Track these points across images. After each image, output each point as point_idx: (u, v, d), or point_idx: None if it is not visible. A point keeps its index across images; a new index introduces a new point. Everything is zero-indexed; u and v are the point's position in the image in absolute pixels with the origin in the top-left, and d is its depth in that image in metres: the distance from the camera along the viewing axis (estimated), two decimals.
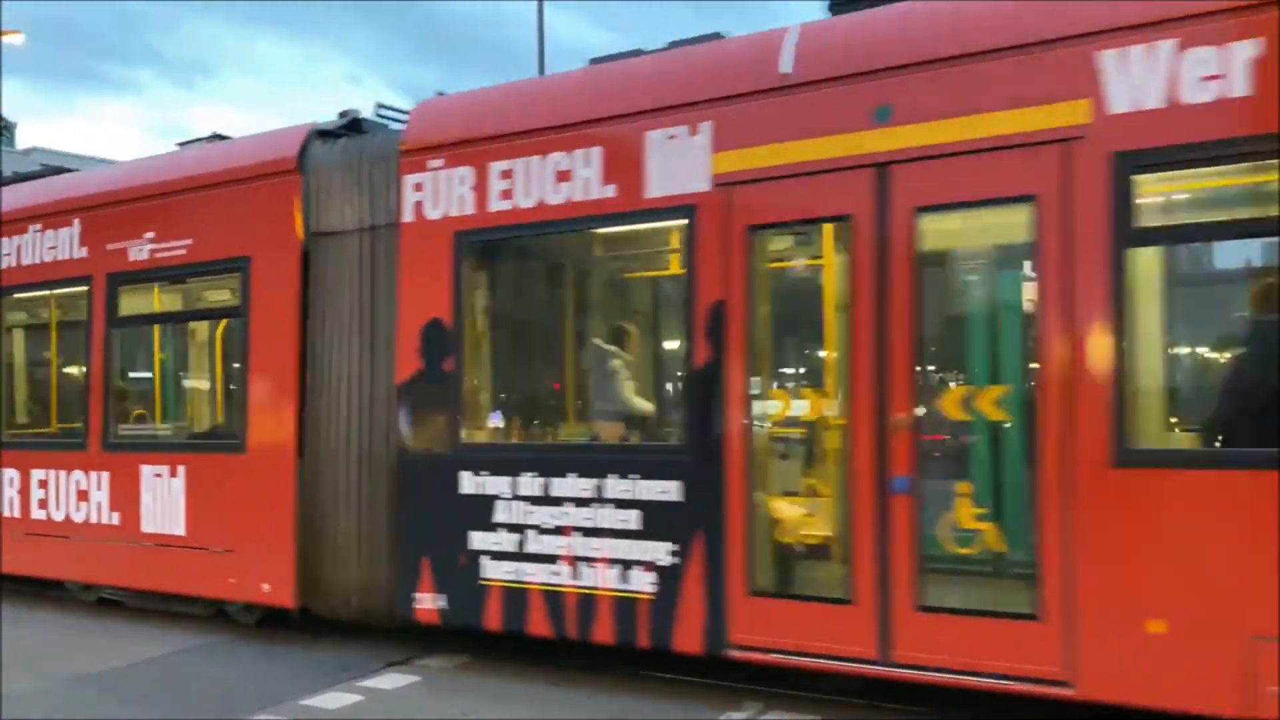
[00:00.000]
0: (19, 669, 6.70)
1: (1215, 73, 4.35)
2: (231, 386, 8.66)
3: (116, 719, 5.58)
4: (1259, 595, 4.18)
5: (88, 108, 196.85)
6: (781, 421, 5.88)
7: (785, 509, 5.90)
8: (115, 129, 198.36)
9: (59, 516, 8.13)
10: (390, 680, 6.11)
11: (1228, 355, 5.87)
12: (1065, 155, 4.62)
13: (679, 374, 6.35)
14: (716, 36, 6.07)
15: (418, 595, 6.28)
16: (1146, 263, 5.09)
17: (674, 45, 6.15)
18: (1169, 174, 4.69)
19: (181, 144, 8.77)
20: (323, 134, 7.22)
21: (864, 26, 5.39)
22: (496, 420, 6.60)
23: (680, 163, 5.55)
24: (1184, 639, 4.31)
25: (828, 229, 5.88)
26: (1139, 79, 4.49)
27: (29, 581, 8.66)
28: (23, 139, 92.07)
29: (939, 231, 5.15)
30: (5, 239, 8.64)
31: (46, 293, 8.81)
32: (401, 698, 5.85)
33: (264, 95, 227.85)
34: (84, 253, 8.15)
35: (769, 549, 5.63)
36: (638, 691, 5.88)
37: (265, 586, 6.91)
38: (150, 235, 7.72)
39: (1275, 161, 4.27)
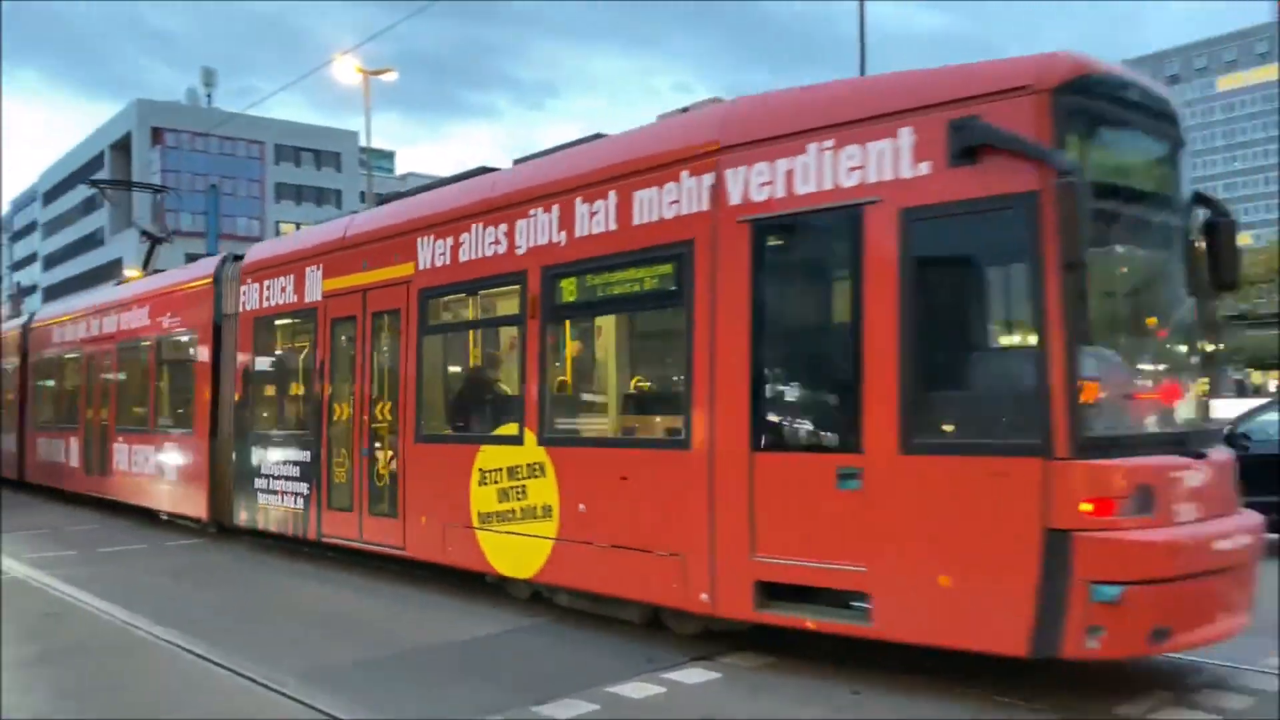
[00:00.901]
0: (348, 637, 7.59)
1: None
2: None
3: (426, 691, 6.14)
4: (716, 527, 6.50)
5: (453, 133, 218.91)
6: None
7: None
8: (477, 151, 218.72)
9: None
10: (693, 675, 6.21)
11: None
12: (409, 290, 9.37)
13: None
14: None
15: None
16: (431, 350, 9.43)
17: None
18: (443, 298, 9.35)
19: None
20: (234, 258, 12.99)
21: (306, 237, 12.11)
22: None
23: (314, 284, 10.88)
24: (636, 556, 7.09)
25: (359, 320, 10.21)
26: (429, 254, 9.24)
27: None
28: (400, 165, 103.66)
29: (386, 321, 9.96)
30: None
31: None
32: (702, 693, 5.94)
33: (603, 112, 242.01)
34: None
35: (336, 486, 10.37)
36: (942, 698, 5.58)
37: None
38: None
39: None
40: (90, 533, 13.63)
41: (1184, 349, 6.48)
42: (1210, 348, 6.77)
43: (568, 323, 8.39)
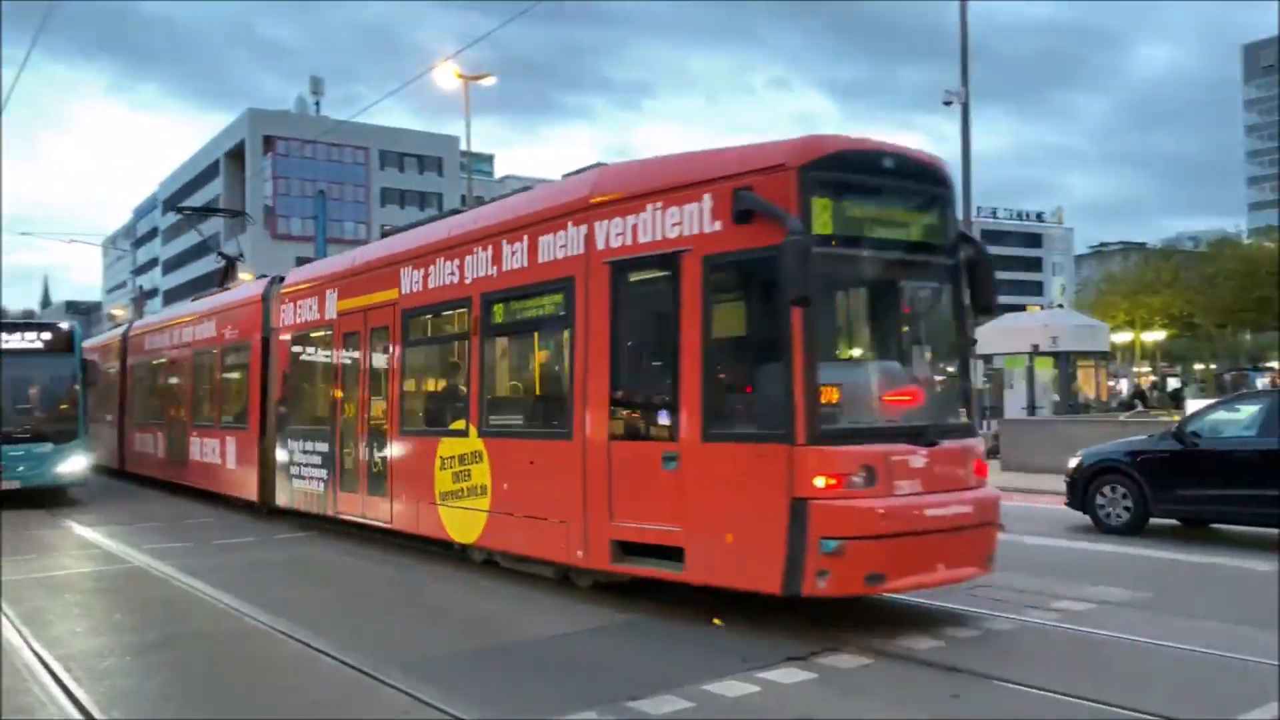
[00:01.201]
0: (448, 630, 7.73)
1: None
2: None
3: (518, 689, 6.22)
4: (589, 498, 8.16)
5: (550, 136, 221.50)
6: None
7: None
8: (574, 153, 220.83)
9: None
10: (787, 675, 6.15)
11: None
12: (395, 310, 11.32)
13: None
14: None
15: None
16: (412, 359, 11.42)
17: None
18: (418, 318, 11.14)
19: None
20: (278, 280, 15.19)
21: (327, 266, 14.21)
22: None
23: (331, 305, 12.91)
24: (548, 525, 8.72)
25: (362, 334, 12.25)
26: (408, 282, 11.13)
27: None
28: (499, 168, 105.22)
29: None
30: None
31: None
32: (796, 693, 5.88)
33: (700, 111, 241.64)
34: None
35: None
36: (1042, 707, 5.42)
37: None
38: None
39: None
40: (205, 526, 14.23)
41: (936, 361, 8.35)
42: (963, 360, 8.27)
43: (498, 338, 10.06)
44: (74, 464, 17.15)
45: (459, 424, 10.11)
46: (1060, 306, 72.34)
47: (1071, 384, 26.45)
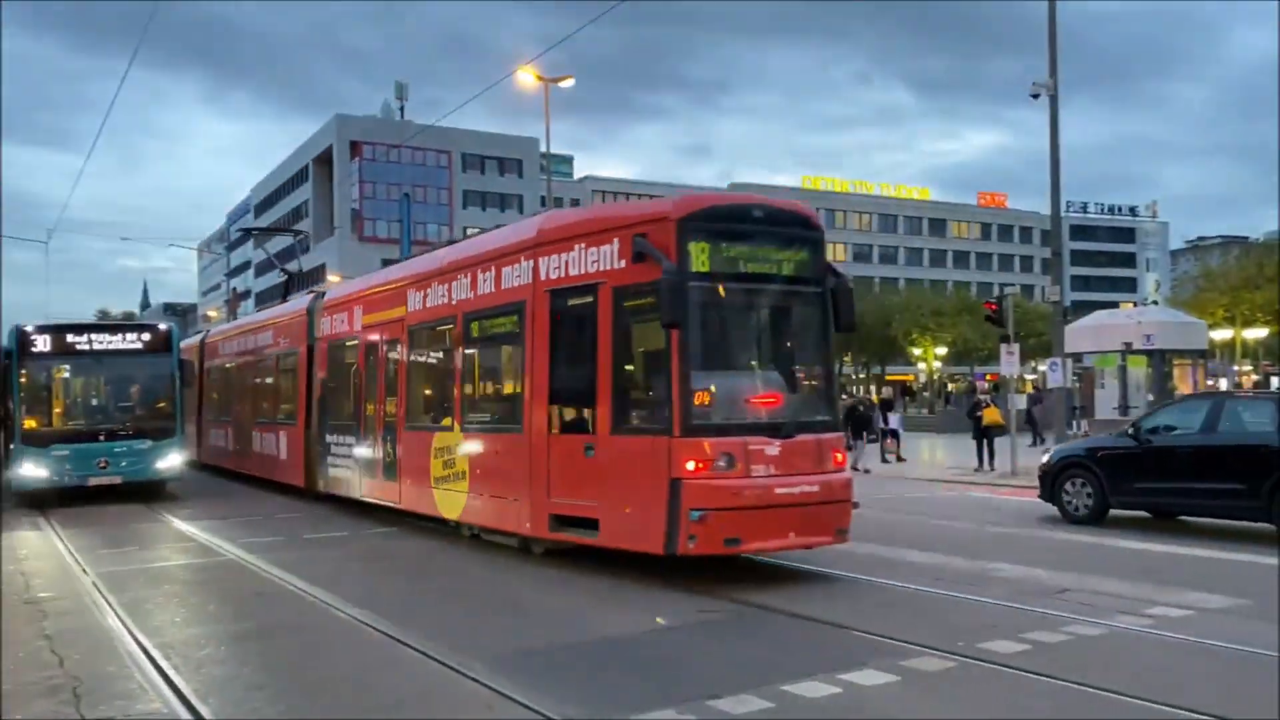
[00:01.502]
0: (531, 625, 7.81)
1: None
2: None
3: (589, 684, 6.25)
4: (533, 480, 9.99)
5: (628, 135, 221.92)
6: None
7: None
8: (652, 153, 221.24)
9: None
10: (869, 677, 6.08)
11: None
12: (403, 325, 13.32)
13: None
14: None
15: None
16: (415, 366, 13.42)
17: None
18: (419, 332, 13.21)
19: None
20: (320, 295, 17.18)
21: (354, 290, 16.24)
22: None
23: (358, 319, 14.93)
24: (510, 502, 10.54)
25: (379, 345, 14.21)
26: (412, 301, 13.06)
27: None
28: (578, 169, 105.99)
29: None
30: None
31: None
32: (878, 695, 5.80)
33: (779, 107, 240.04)
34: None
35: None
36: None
37: None
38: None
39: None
40: (295, 520, 14.63)
41: (801, 371, 10.02)
42: (827, 369, 10.22)
43: (475, 350, 11.91)
44: (171, 460, 17.80)
45: (447, 421, 12.11)
46: (1155, 303, 69.98)
47: (1167, 383, 25.58)
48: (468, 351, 11.89)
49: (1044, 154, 19.96)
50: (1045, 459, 14.19)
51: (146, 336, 18.57)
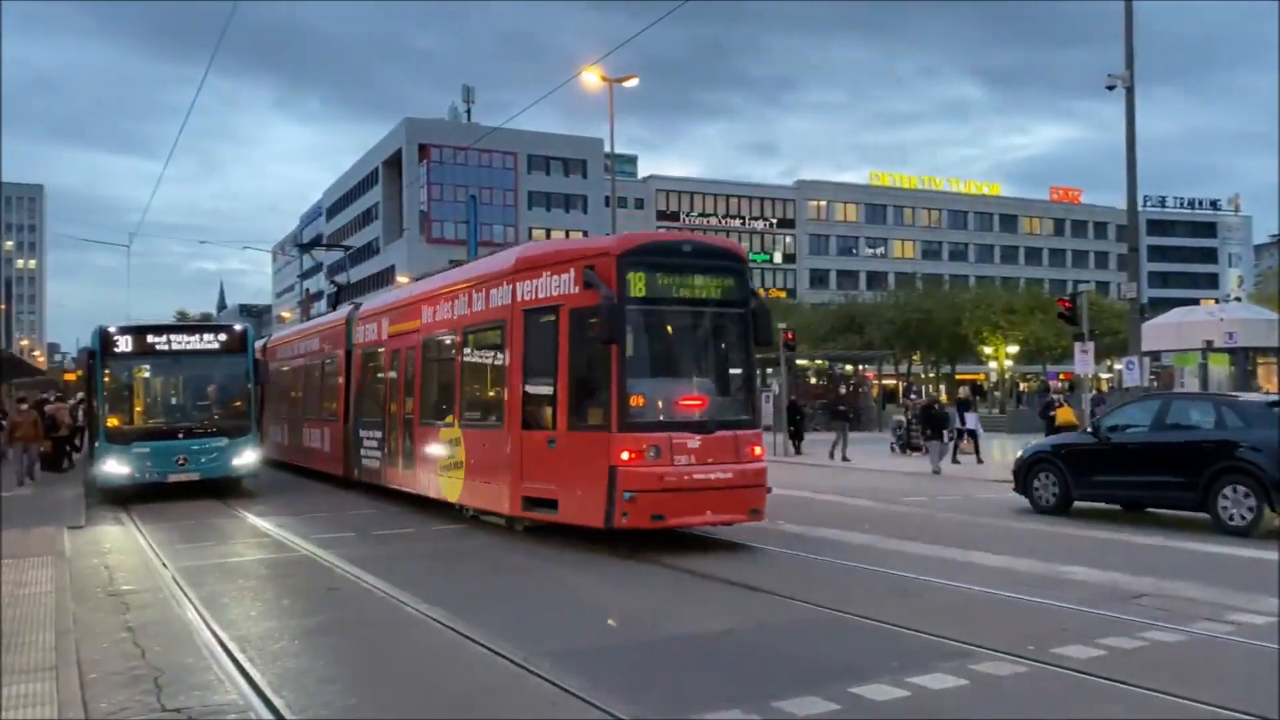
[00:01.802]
0: (597, 624, 7.83)
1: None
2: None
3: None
4: (511, 468, 11.84)
5: (690, 134, 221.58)
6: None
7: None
8: (716, 151, 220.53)
9: None
10: (938, 680, 5.99)
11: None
12: (418, 336, 15.41)
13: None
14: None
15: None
16: (427, 371, 15.32)
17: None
18: (430, 342, 15.16)
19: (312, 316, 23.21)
20: (356, 306, 19.57)
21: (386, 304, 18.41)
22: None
23: (384, 329, 17.19)
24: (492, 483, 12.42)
25: (400, 352, 16.19)
26: (425, 315, 15.19)
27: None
28: (642, 169, 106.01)
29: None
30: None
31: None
32: (946, 699, 5.71)
33: (844, 103, 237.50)
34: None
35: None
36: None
37: None
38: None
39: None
40: (367, 517, 14.90)
41: (722, 377, 11.69)
42: (749, 377, 11.95)
43: (470, 358, 13.72)
44: (247, 457, 18.25)
45: (450, 419, 14.04)
46: (1238, 300, 67.69)
47: (1250, 382, 24.76)
48: (465, 360, 13.86)
49: (1119, 147, 19.45)
50: (1018, 455, 15.53)
51: (223, 337, 19.06)
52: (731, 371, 11.87)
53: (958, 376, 70.27)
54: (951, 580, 9.25)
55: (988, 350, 63.32)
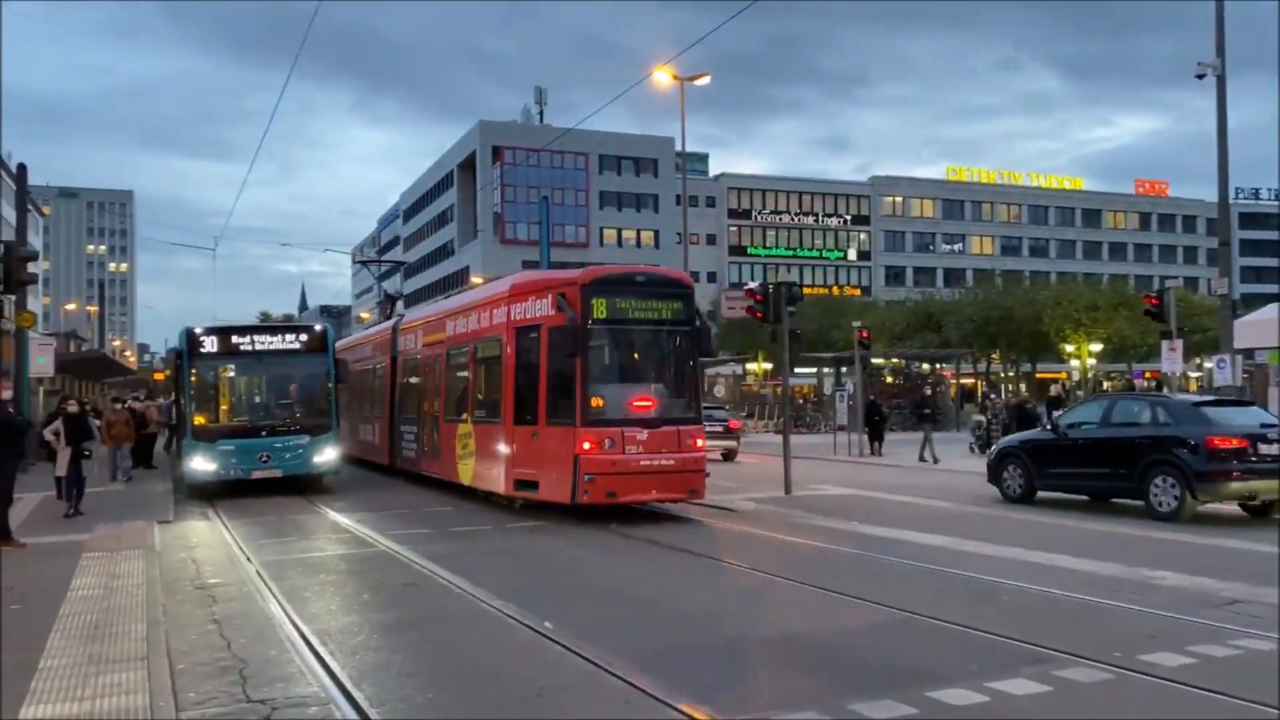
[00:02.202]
0: (674, 623, 7.81)
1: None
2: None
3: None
4: (506, 456, 14.58)
5: (761, 131, 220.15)
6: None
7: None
8: (786, 148, 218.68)
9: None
10: (1020, 686, 5.85)
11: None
12: (444, 346, 18.60)
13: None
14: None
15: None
16: (451, 375, 18.01)
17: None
18: (454, 351, 18.11)
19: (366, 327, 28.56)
20: (400, 317, 23.70)
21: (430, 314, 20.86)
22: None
23: (421, 340, 20.17)
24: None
25: (431, 360, 19.36)
26: (449, 328, 18.49)
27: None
28: (713, 167, 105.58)
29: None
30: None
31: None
32: (1027, 706, 5.57)
33: (918, 97, 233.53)
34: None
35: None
36: None
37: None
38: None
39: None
40: (444, 514, 15.13)
41: (669, 383, 14.19)
42: (694, 384, 14.56)
43: (480, 365, 16.30)
44: (327, 454, 18.66)
45: (465, 416, 16.59)
46: None
47: None
48: (476, 367, 16.51)
49: (1208, 138, 18.81)
50: (992, 449, 17.56)
51: (304, 337, 19.52)
52: (678, 378, 14.35)
53: (1038, 375, 68.61)
54: (1032, 583, 9.04)
55: (1070, 348, 61.69)
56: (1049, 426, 16.03)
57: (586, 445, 13.00)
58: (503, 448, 14.62)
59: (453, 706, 5.86)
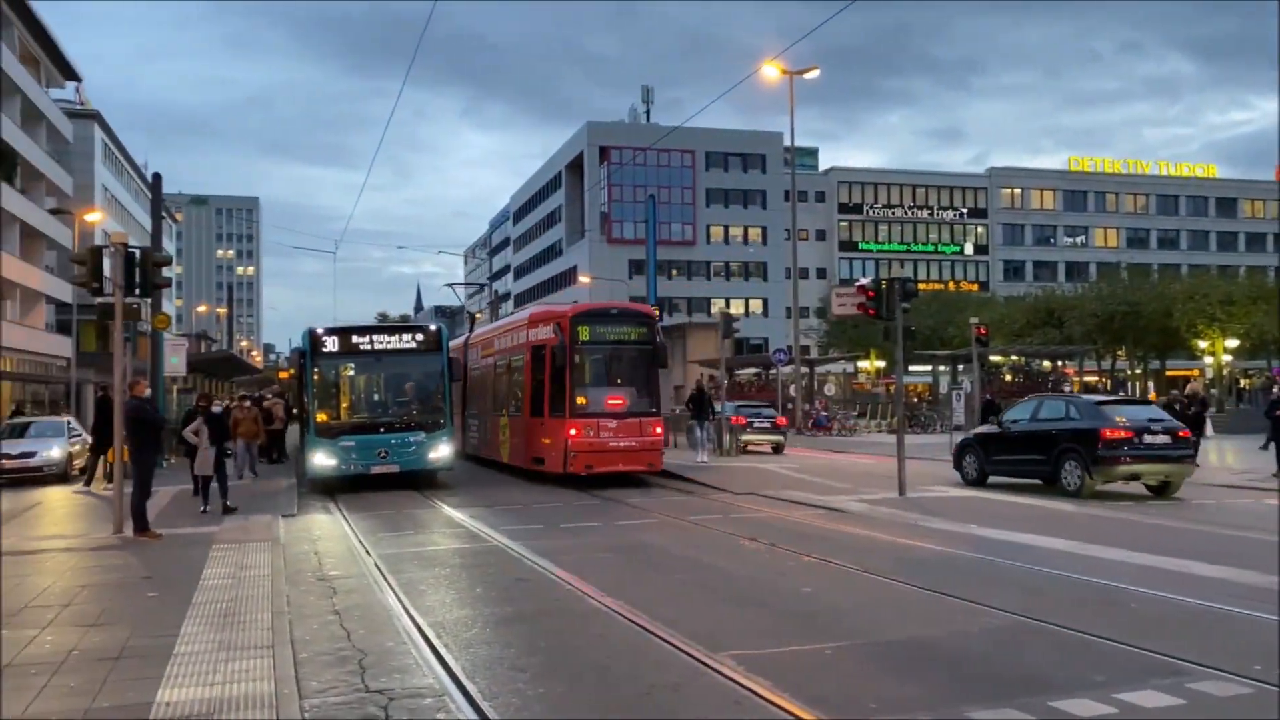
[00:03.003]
0: (794, 624, 7.70)
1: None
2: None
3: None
4: (526, 440, 20.48)
5: (871, 124, 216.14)
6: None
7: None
8: (897, 140, 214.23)
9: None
10: (1150, 698, 5.58)
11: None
12: (493, 355, 24.48)
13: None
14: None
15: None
16: (498, 379, 23.30)
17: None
18: (502, 360, 23.55)
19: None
20: (470, 334, 28.75)
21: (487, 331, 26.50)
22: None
23: (479, 352, 25.64)
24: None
25: (488, 367, 24.74)
26: (496, 344, 24.17)
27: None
28: (823, 161, 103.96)
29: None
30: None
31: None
32: None
33: (1037, 84, 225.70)
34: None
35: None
36: None
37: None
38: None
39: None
40: (554, 510, 15.32)
41: (635, 386, 19.55)
42: (654, 388, 19.66)
43: (513, 373, 21.13)
44: (442, 451, 19.12)
45: (503, 411, 22.02)
46: None
47: None
48: (510, 375, 21.57)
49: None
50: (956, 440, 20.48)
51: (420, 336, 20.06)
52: (641, 383, 19.56)
53: (1168, 373, 65.57)
54: (1161, 590, 8.62)
55: (1203, 344, 58.70)
56: (994, 420, 18.81)
57: (573, 432, 18.41)
58: (524, 434, 20.27)
59: (563, 702, 5.90)
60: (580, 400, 18.59)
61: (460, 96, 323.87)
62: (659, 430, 19.12)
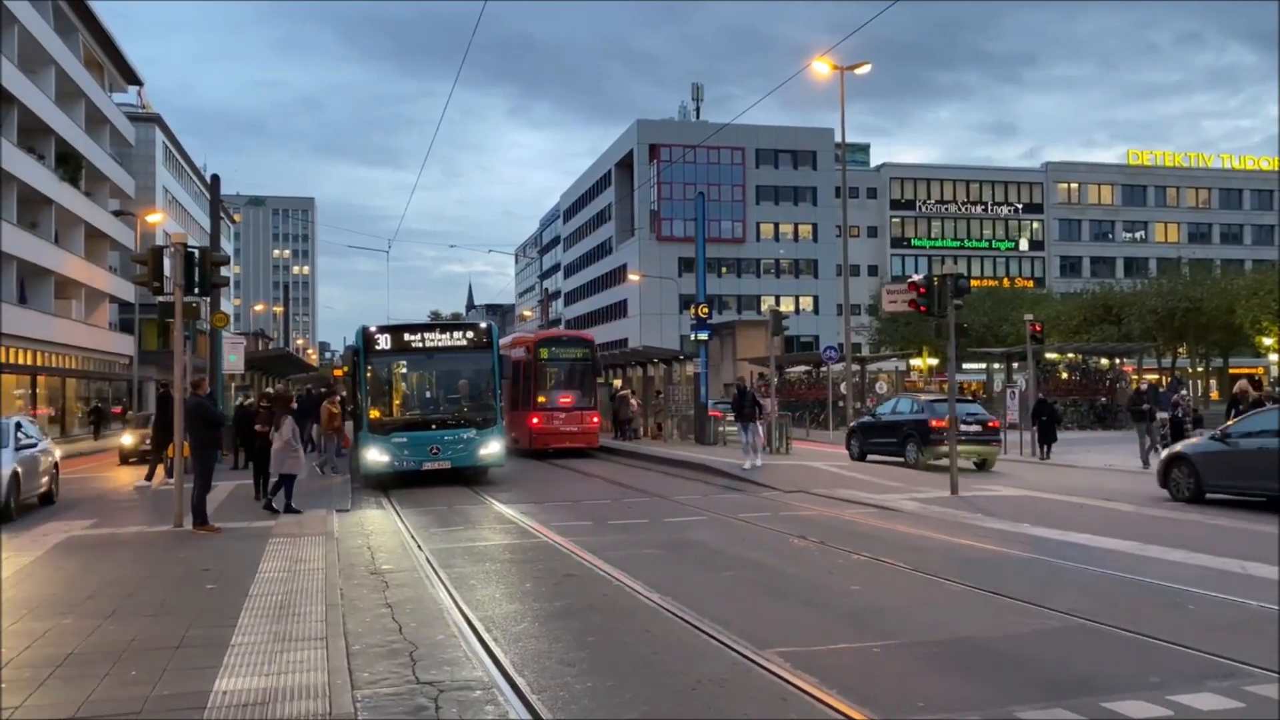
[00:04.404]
0: (846, 624, 7.67)
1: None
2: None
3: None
4: (511, 427, 26.53)
5: (923, 119, 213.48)
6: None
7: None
8: (949, 134, 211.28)
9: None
10: (1205, 700, 5.48)
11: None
12: (513, 364, 30.05)
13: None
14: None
15: None
16: (525, 381, 28.94)
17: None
18: (517, 367, 30.04)
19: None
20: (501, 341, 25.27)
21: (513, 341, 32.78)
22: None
23: (520, 358, 29.87)
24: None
25: (521, 371, 29.73)
26: (521, 353, 30.38)
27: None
28: (874, 157, 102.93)
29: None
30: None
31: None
32: None
33: (1092, 77, 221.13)
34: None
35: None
36: None
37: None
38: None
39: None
40: (604, 507, 15.39)
41: (577, 389, 27.90)
42: (593, 391, 28.64)
43: (509, 379, 26.80)
44: (493, 447, 19.31)
45: (525, 406, 27.14)
46: None
47: None
48: (519, 378, 27.60)
49: None
50: (850, 424, 27.10)
51: (471, 334, 20.28)
52: (582, 387, 27.44)
53: (1230, 370, 63.93)
54: (1221, 592, 8.44)
55: (1268, 341, 57.17)
56: (870, 412, 25.26)
57: (535, 421, 26.60)
58: (511, 423, 25.58)
59: (610, 695, 5.95)
60: (541, 399, 26.89)
61: (508, 96, 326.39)
62: (595, 420, 27.76)
